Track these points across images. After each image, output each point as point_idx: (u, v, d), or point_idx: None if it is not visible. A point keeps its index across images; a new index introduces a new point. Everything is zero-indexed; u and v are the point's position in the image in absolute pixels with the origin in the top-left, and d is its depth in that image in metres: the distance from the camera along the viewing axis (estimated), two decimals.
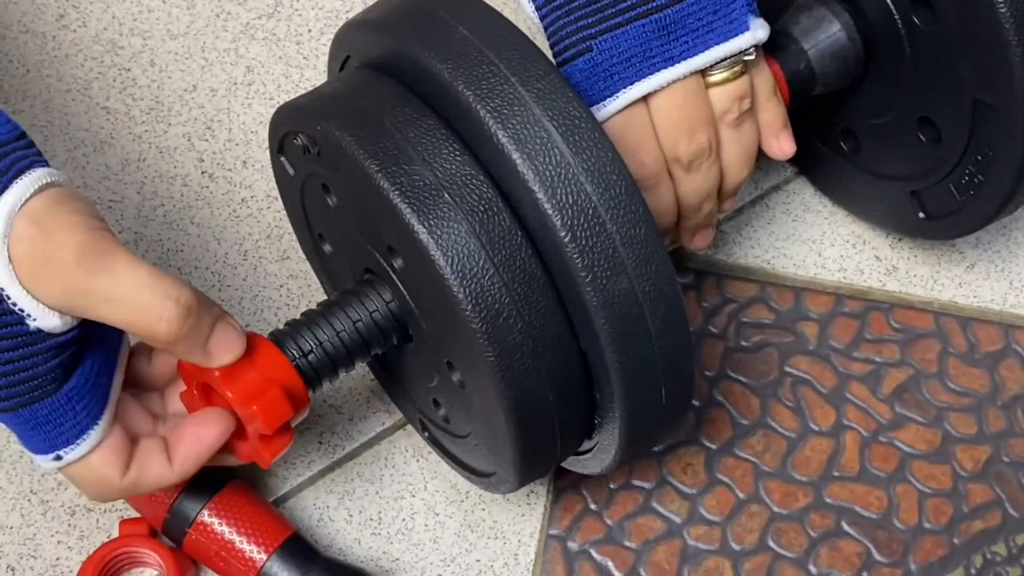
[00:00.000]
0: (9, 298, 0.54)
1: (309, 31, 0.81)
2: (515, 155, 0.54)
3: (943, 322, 0.76)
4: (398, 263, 0.58)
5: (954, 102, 0.66)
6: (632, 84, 0.62)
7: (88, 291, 0.54)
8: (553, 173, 0.54)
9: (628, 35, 0.62)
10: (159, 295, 0.55)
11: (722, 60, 0.63)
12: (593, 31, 0.62)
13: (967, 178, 0.68)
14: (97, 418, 0.58)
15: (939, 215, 0.71)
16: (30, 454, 0.59)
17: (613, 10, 0.62)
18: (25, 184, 0.54)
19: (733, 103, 0.64)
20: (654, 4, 0.61)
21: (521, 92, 0.54)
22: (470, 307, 0.54)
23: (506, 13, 0.58)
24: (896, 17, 0.66)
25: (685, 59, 0.62)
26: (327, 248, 0.66)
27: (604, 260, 0.54)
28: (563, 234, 0.53)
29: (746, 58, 0.64)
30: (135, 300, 0.54)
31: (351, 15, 0.81)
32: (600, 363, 0.56)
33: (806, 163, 0.78)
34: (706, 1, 0.62)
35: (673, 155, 0.64)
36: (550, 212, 0.53)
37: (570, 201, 0.53)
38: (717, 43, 0.62)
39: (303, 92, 0.78)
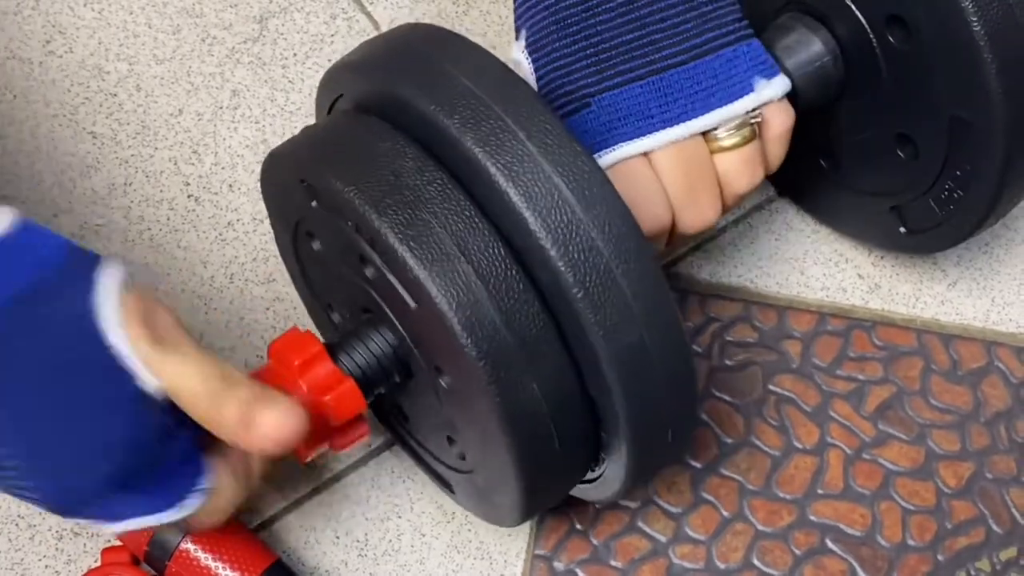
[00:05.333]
0: (123, 357, 0.54)
1: (294, 55, 0.82)
2: (527, 213, 0.53)
3: (926, 339, 0.76)
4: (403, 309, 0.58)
5: (931, 119, 0.67)
6: (629, 141, 0.63)
7: (163, 362, 0.55)
8: (565, 231, 0.53)
9: (627, 94, 0.62)
10: (202, 377, 0.55)
11: (725, 122, 0.63)
12: (593, 89, 0.63)
13: (947, 193, 0.68)
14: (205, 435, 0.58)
15: (920, 230, 0.71)
16: (163, 515, 0.57)
17: (613, 71, 0.62)
18: (115, 265, 0.55)
19: (743, 173, 0.65)
20: (655, 67, 0.62)
21: (530, 148, 0.54)
22: (475, 352, 0.54)
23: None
24: (871, 36, 0.67)
25: (684, 121, 0.63)
26: (316, 273, 0.66)
27: (616, 314, 0.54)
28: (576, 291, 0.53)
29: (753, 120, 0.64)
30: (189, 382, 0.55)
31: (335, 39, 0.82)
32: (609, 409, 0.56)
33: (788, 181, 0.79)
34: (707, 65, 0.63)
35: (677, 210, 0.65)
36: (563, 270, 0.53)
37: (582, 258, 0.53)
38: (718, 106, 0.63)
39: (289, 115, 0.79)
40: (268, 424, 0.55)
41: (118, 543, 0.66)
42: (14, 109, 0.79)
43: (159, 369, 0.54)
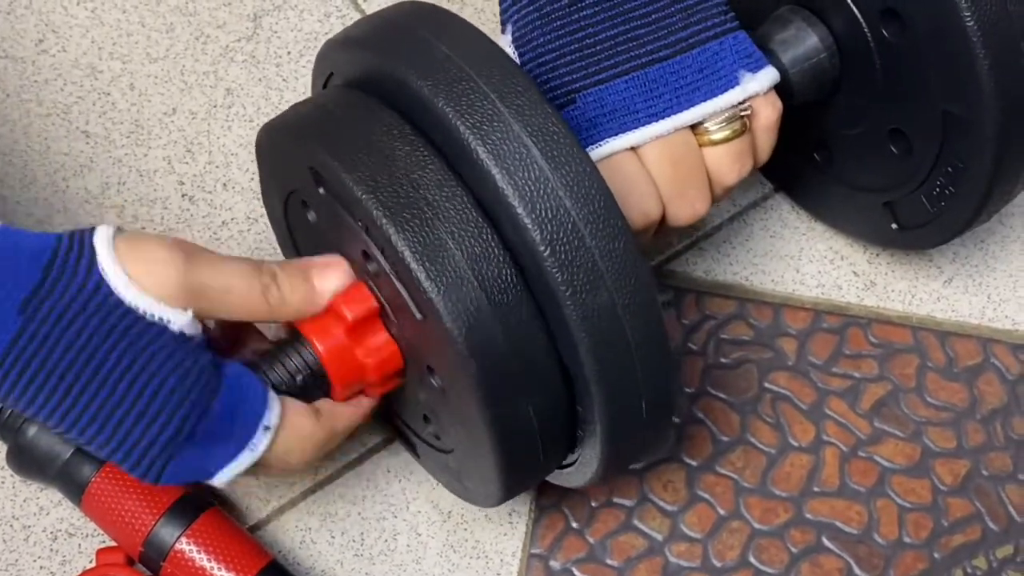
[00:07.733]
0: (145, 312, 0.55)
1: (288, 53, 0.81)
2: (495, 170, 0.54)
3: (921, 337, 0.76)
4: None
5: (924, 114, 0.67)
6: (615, 136, 0.63)
7: (204, 285, 0.56)
8: (532, 188, 0.54)
9: (612, 90, 0.63)
10: (249, 276, 0.58)
11: (712, 116, 0.63)
12: (578, 84, 0.63)
13: (938, 189, 0.68)
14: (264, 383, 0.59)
15: (912, 226, 0.71)
16: (240, 459, 0.58)
17: (598, 67, 0.63)
18: (103, 226, 0.57)
19: (732, 167, 0.65)
20: (640, 62, 0.62)
21: (500, 108, 0.55)
22: (478, 376, 0.54)
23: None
24: (865, 30, 0.67)
25: (669, 115, 0.63)
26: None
27: (583, 274, 0.54)
28: (543, 249, 0.54)
29: (743, 113, 0.64)
30: (240, 286, 0.57)
31: (330, 36, 0.82)
32: (581, 376, 0.56)
33: (782, 176, 0.79)
34: (692, 60, 0.63)
35: (667, 203, 0.65)
36: (530, 227, 0.54)
37: (549, 216, 0.54)
38: (703, 100, 0.63)
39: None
40: (329, 282, 0.59)
41: (113, 544, 0.66)
42: (7, 109, 0.78)
43: (196, 299, 0.56)
